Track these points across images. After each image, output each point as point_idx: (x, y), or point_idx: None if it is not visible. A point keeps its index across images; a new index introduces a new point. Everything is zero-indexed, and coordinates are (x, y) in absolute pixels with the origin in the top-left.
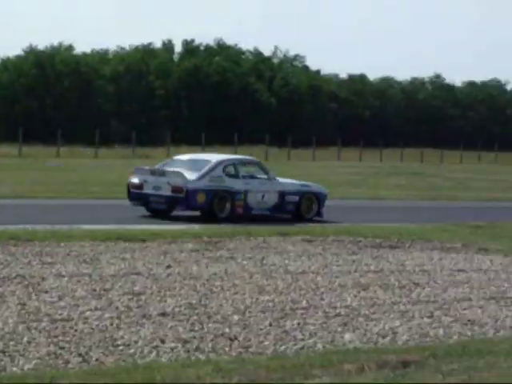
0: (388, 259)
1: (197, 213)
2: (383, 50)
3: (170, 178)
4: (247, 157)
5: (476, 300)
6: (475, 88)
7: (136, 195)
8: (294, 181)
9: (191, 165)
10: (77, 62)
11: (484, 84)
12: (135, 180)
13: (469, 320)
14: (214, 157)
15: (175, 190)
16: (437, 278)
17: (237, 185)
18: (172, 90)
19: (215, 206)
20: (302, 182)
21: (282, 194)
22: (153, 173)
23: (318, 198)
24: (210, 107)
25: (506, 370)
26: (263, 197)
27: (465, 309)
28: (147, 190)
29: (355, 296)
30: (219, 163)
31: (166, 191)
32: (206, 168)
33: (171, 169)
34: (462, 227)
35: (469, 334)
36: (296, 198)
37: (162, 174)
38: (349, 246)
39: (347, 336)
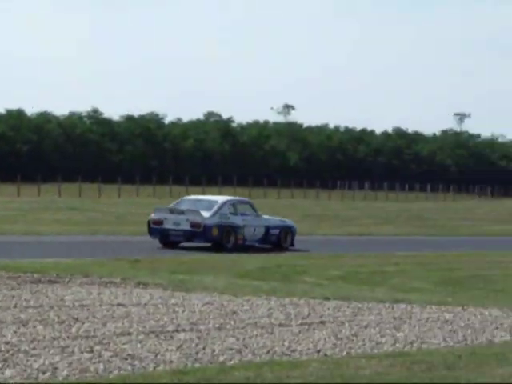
0: (47, 294)
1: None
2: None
3: (189, 215)
4: (242, 198)
5: (136, 334)
6: (133, 122)
7: (156, 230)
8: (274, 217)
9: (201, 204)
10: None
11: (142, 117)
12: (156, 217)
13: (129, 354)
14: (218, 198)
15: (194, 225)
16: (96, 313)
17: (237, 221)
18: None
19: (224, 239)
20: (280, 218)
21: (268, 228)
22: (172, 211)
23: (292, 231)
24: None
25: None
26: (254, 230)
27: (124, 343)
28: (167, 226)
29: (15, 332)
30: (224, 203)
31: (185, 226)
32: (216, 207)
33: (189, 208)
34: (121, 261)
35: (129, 368)
36: (277, 231)
37: (181, 212)
38: (8, 281)
39: (7, 372)
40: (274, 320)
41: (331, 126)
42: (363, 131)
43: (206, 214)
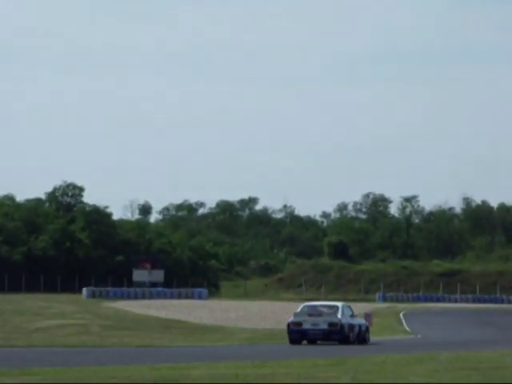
0: None
1: None
2: None
3: (327, 317)
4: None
5: None
6: None
7: (296, 330)
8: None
9: (323, 308)
10: None
11: None
12: (296, 320)
13: None
14: (334, 303)
15: (332, 325)
16: None
17: (353, 321)
18: None
19: (351, 335)
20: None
21: (360, 326)
22: (310, 315)
23: (367, 329)
24: None
25: None
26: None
27: None
28: (306, 326)
29: None
30: (343, 307)
31: (324, 326)
32: (340, 310)
33: (328, 308)
34: None
35: None
36: (363, 328)
37: (320, 315)
38: None
39: None
40: None
41: None
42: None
43: (339, 315)
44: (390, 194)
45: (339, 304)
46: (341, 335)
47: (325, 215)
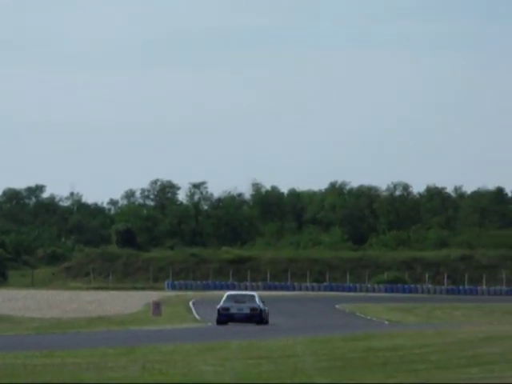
0: None
1: None
2: None
3: (251, 303)
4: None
5: None
6: None
7: (224, 314)
8: None
9: (245, 297)
10: None
11: None
12: (224, 306)
13: None
14: (251, 292)
15: (253, 309)
16: None
17: (263, 306)
18: None
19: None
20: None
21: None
22: (236, 301)
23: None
24: None
25: None
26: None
27: None
28: (232, 311)
29: None
30: (258, 296)
31: (247, 310)
32: (256, 298)
33: (248, 296)
34: None
35: None
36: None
37: (243, 301)
38: None
39: None
40: None
41: None
42: None
43: (258, 302)
44: (178, 180)
45: (255, 293)
46: (259, 318)
47: (112, 202)
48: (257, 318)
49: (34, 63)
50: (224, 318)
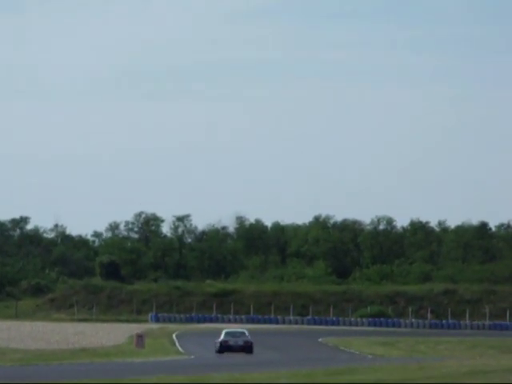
0: None
1: None
2: None
3: (244, 337)
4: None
5: None
6: None
7: (225, 345)
8: None
9: (238, 333)
10: None
11: None
12: (225, 339)
13: None
14: (241, 330)
15: (246, 342)
16: None
17: (251, 339)
18: None
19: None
20: None
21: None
22: (233, 336)
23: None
24: None
25: None
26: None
27: None
28: (231, 343)
29: None
30: (247, 331)
31: (241, 343)
32: (247, 333)
33: (239, 333)
34: None
35: None
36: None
37: (238, 336)
38: None
39: None
40: None
41: None
42: None
43: (248, 337)
44: (162, 213)
45: (245, 330)
46: (250, 348)
47: (96, 234)
48: (248, 348)
49: (20, 98)
50: (225, 348)
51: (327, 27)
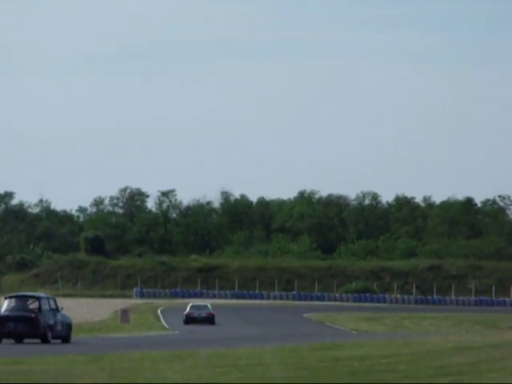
0: None
1: None
2: None
3: (205, 310)
4: None
5: None
6: None
7: (190, 317)
8: None
9: (202, 306)
10: None
11: None
12: (190, 311)
13: None
14: (204, 303)
15: (209, 314)
16: None
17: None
18: None
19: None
20: None
21: None
22: (197, 308)
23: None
24: None
25: None
26: None
27: None
28: (195, 315)
29: None
30: (209, 305)
31: (204, 314)
32: (209, 306)
33: (203, 306)
34: None
35: None
36: None
37: (201, 309)
38: None
39: None
40: None
41: None
42: None
43: (211, 310)
44: (147, 188)
45: (208, 304)
46: (212, 320)
47: (81, 210)
48: (210, 319)
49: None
50: (190, 319)
51: (323, 5)
